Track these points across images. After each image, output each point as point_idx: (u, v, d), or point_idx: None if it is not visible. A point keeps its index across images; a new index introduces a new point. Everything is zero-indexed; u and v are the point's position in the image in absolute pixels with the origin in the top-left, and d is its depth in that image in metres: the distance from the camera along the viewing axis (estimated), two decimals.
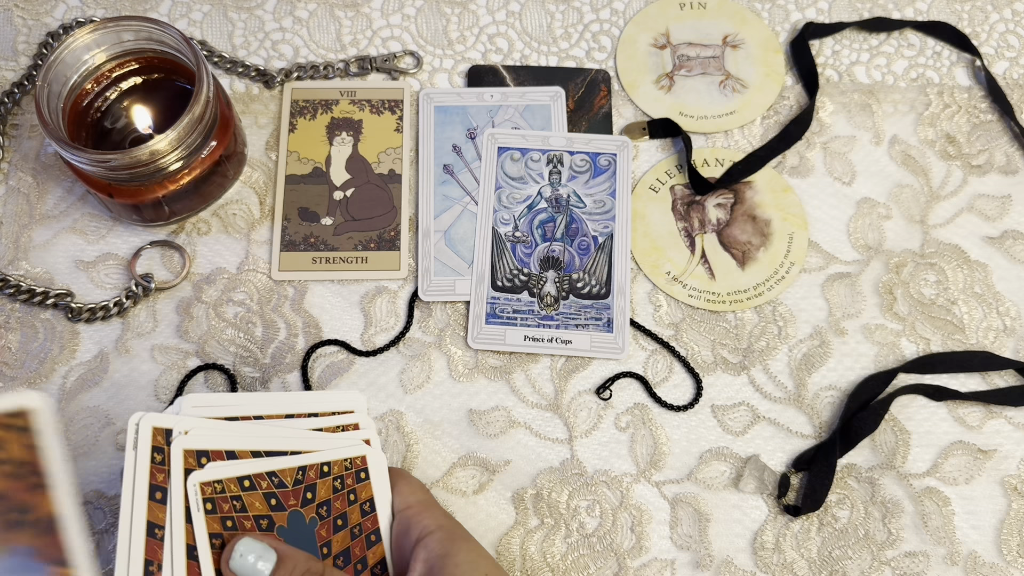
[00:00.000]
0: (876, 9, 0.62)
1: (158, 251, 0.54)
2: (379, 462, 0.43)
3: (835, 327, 0.54)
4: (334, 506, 0.41)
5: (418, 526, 0.40)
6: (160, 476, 0.37)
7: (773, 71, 0.60)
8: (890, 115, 0.59)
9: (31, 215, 0.55)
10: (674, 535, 0.49)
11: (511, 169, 0.56)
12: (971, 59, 0.61)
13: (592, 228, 0.55)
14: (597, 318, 0.53)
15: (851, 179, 0.58)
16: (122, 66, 0.52)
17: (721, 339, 0.54)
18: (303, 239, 0.55)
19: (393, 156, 0.57)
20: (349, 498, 0.41)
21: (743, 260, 0.55)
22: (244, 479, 0.39)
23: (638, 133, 0.58)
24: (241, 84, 0.59)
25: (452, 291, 0.54)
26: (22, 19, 0.60)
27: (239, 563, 0.36)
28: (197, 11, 0.60)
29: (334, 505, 0.41)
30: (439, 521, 0.41)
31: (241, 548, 0.36)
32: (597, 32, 0.61)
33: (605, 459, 0.51)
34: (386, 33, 0.61)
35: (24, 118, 0.57)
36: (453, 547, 0.39)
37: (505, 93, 0.58)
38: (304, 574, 0.37)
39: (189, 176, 0.50)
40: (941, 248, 0.56)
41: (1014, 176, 0.58)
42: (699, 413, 0.52)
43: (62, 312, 0.52)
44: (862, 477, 0.51)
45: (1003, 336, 0.54)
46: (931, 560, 0.49)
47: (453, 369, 0.52)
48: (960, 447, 0.51)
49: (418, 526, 0.40)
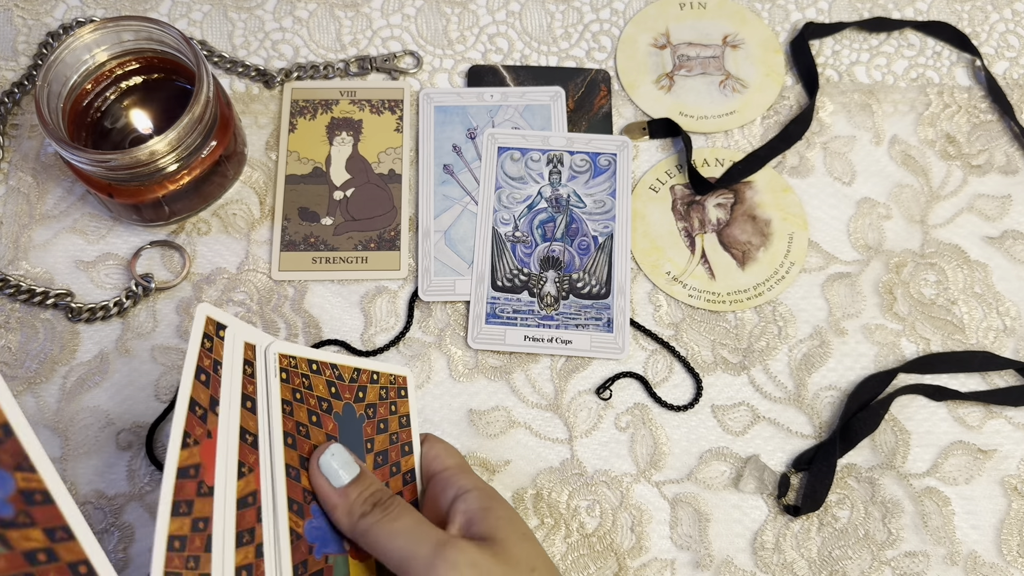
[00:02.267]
0: (876, 9, 0.62)
1: (158, 251, 0.54)
2: (414, 395, 0.48)
3: (835, 327, 0.54)
4: (379, 411, 0.45)
5: (455, 485, 0.42)
6: (250, 387, 0.39)
7: (773, 71, 0.60)
8: (890, 115, 0.59)
9: (31, 215, 0.55)
10: (674, 535, 0.49)
11: (511, 169, 0.56)
12: (971, 59, 0.61)
13: (592, 228, 0.55)
14: (597, 318, 0.53)
15: (851, 179, 0.58)
16: (122, 66, 0.52)
17: (721, 339, 0.54)
18: (303, 239, 0.55)
19: (393, 156, 0.57)
20: (391, 408, 0.46)
21: (743, 260, 0.55)
22: (312, 362, 0.42)
23: (638, 133, 0.58)
24: (241, 84, 0.59)
25: (452, 291, 0.54)
26: (22, 19, 0.60)
27: (327, 461, 0.40)
28: (197, 11, 0.60)
29: (379, 410, 0.45)
30: (476, 483, 0.42)
31: (333, 449, 0.40)
32: (597, 32, 0.61)
33: (605, 459, 0.51)
34: (386, 33, 0.61)
35: (24, 118, 0.57)
36: (491, 503, 0.41)
37: (505, 93, 0.58)
38: (375, 491, 0.39)
39: (189, 176, 0.50)
40: (941, 248, 0.56)
41: (1014, 176, 0.58)
42: (699, 413, 0.52)
43: (62, 312, 0.52)
44: (862, 477, 0.51)
45: (1003, 336, 0.54)
46: (931, 560, 0.49)
47: (453, 369, 0.52)
48: (960, 447, 0.51)
49: (455, 485, 0.42)
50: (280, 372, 0.41)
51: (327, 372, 0.43)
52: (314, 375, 0.42)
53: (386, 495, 0.40)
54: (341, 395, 0.43)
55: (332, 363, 0.44)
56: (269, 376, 0.40)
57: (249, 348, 0.40)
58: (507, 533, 0.39)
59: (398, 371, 0.48)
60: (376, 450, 0.44)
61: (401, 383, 0.47)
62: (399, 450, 0.45)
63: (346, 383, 0.44)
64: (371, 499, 0.39)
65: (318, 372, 0.43)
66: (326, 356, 0.44)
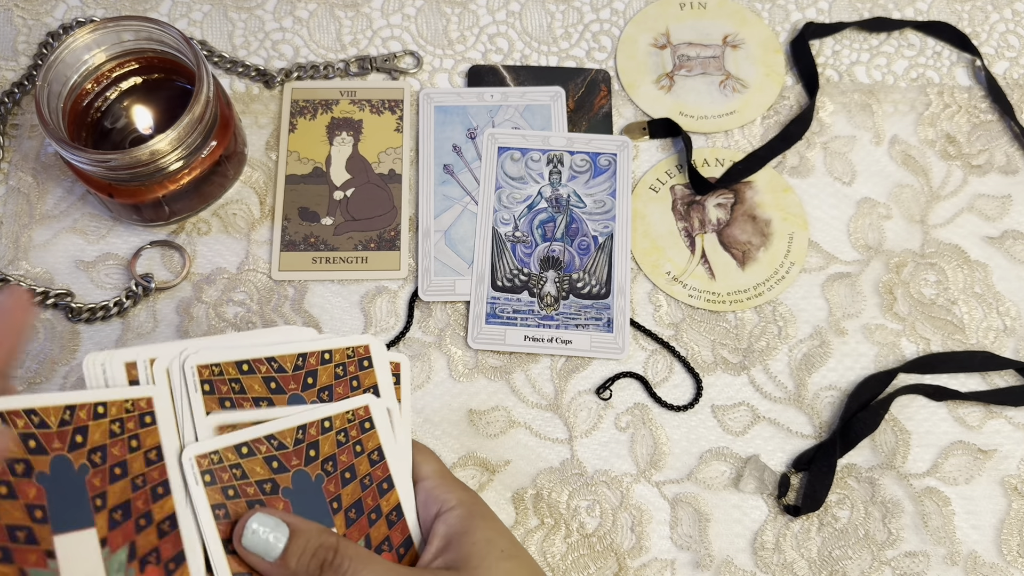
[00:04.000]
0: (876, 9, 0.62)
1: (158, 251, 0.54)
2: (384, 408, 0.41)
3: (835, 327, 0.54)
4: (340, 460, 0.40)
5: (437, 501, 0.40)
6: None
7: (773, 71, 0.60)
8: (890, 115, 0.59)
9: (31, 215, 0.55)
10: (674, 535, 0.49)
11: (511, 169, 0.56)
12: (971, 59, 0.61)
13: (592, 228, 0.55)
14: (597, 318, 0.53)
15: (851, 179, 0.58)
16: (122, 66, 0.52)
17: (721, 339, 0.54)
18: (303, 239, 0.55)
19: (393, 156, 0.57)
20: (355, 450, 0.40)
21: (743, 260, 0.55)
22: (242, 446, 0.37)
23: (638, 133, 0.58)
24: (241, 84, 0.59)
25: (452, 291, 0.54)
26: (22, 19, 0.60)
27: (252, 540, 0.35)
28: (197, 11, 0.60)
29: (340, 459, 0.40)
30: (458, 496, 0.40)
31: (254, 524, 0.36)
32: (597, 32, 0.61)
33: (605, 459, 0.51)
34: (386, 33, 0.61)
35: (24, 118, 0.57)
36: (472, 524, 0.39)
37: (505, 93, 0.58)
38: (317, 549, 0.36)
39: (189, 176, 0.50)
40: (941, 248, 0.56)
41: (1014, 176, 0.58)
42: (699, 413, 0.52)
43: (62, 312, 0.52)
44: (862, 477, 0.51)
45: (1003, 336, 0.54)
46: (931, 560, 0.49)
47: (453, 369, 0.52)
48: (960, 447, 0.51)
49: (437, 501, 0.40)
50: (203, 476, 0.36)
51: (263, 449, 0.38)
52: (247, 460, 0.37)
53: (331, 550, 0.36)
54: (287, 465, 0.38)
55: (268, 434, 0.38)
56: (190, 484, 0.36)
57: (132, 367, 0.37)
58: (483, 558, 0.37)
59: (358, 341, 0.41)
60: (346, 505, 0.39)
61: (362, 415, 0.41)
62: (375, 492, 0.40)
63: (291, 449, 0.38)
64: (314, 561, 0.36)
65: (251, 454, 0.38)
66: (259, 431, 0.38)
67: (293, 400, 0.39)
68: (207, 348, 0.38)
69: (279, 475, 0.38)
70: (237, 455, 0.37)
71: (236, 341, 0.40)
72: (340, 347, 0.41)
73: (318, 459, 0.39)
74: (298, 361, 0.40)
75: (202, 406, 0.37)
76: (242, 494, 0.37)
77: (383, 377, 0.42)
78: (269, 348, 0.39)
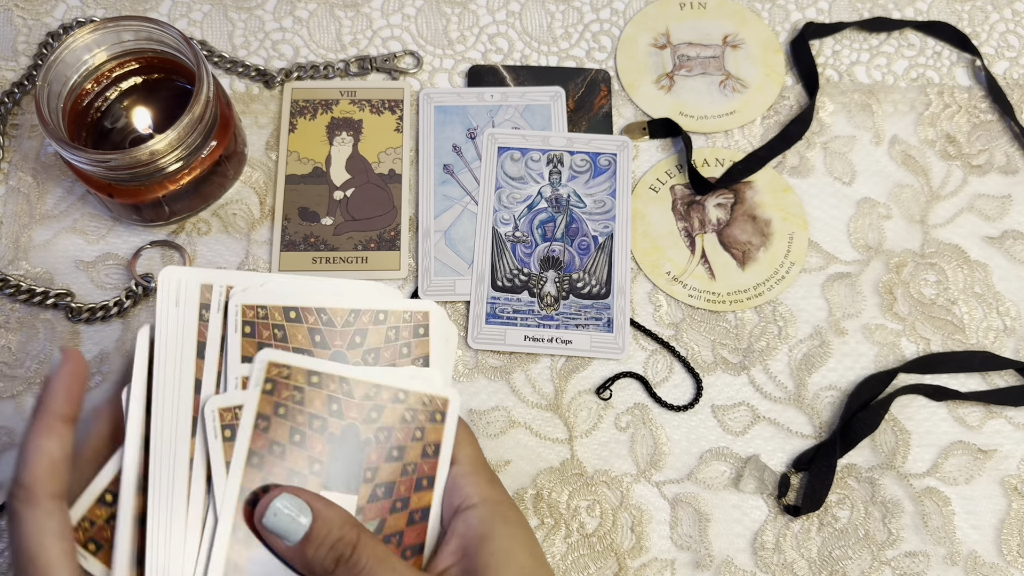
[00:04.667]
0: (876, 9, 0.62)
1: (158, 251, 0.54)
2: (455, 409, 0.40)
3: (835, 327, 0.54)
4: (395, 435, 0.38)
5: (461, 493, 0.38)
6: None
7: (773, 71, 0.60)
8: (890, 115, 0.59)
9: (31, 215, 0.55)
10: (674, 535, 0.49)
11: (511, 169, 0.56)
12: (971, 59, 0.61)
13: (592, 228, 0.55)
14: (597, 318, 0.53)
15: (851, 179, 0.58)
16: (122, 66, 0.52)
17: (721, 339, 0.54)
18: (303, 239, 0.55)
19: (393, 156, 0.57)
20: (415, 434, 0.38)
21: (743, 260, 0.55)
22: (312, 374, 0.37)
23: (638, 133, 0.58)
24: (241, 84, 0.59)
25: (452, 291, 0.54)
26: (22, 19, 0.60)
27: (273, 520, 0.34)
28: (197, 11, 0.60)
29: (396, 434, 0.38)
30: (484, 492, 0.38)
31: (278, 503, 0.34)
32: (597, 32, 0.61)
33: (605, 459, 0.51)
34: (386, 33, 0.61)
35: (24, 118, 0.57)
36: (492, 528, 0.37)
37: (505, 93, 0.58)
38: (337, 542, 0.34)
39: (189, 176, 0.50)
40: (941, 248, 0.56)
41: (1014, 176, 0.58)
42: (699, 413, 0.52)
43: (62, 312, 0.52)
44: (862, 477, 0.51)
45: (1003, 336, 0.54)
46: (931, 560, 0.49)
47: (453, 369, 0.52)
48: (960, 447, 0.51)
49: (461, 493, 0.38)
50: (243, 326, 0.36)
51: (311, 320, 0.37)
52: (311, 387, 0.37)
53: (349, 545, 0.35)
54: (345, 414, 0.37)
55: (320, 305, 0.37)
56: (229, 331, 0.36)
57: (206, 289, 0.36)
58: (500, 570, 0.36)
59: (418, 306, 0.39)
60: (378, 481, 0.38)
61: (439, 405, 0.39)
62: (411, 483, 0.38)
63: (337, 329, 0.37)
64: (332, 554, 0.34)
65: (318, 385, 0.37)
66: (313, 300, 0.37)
67: (335, 357, 0.38)
68: (278, 283, 0.37)
69: (333, 418, 0.37)
70: (306, 380, 0.37)
71: (315, 285, 0.38)
72: (397, 309, 0.39)
73: (376, 423, 0.38)
74: (349, 317, 0.38)
75: (239, 348, 0.36)
76: (290, 419, 0.36)
77: (437, 348, 0.40)
78: (323, 298, 0.38)
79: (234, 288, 0.37)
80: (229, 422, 0.35)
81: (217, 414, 0.35)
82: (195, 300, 0.37)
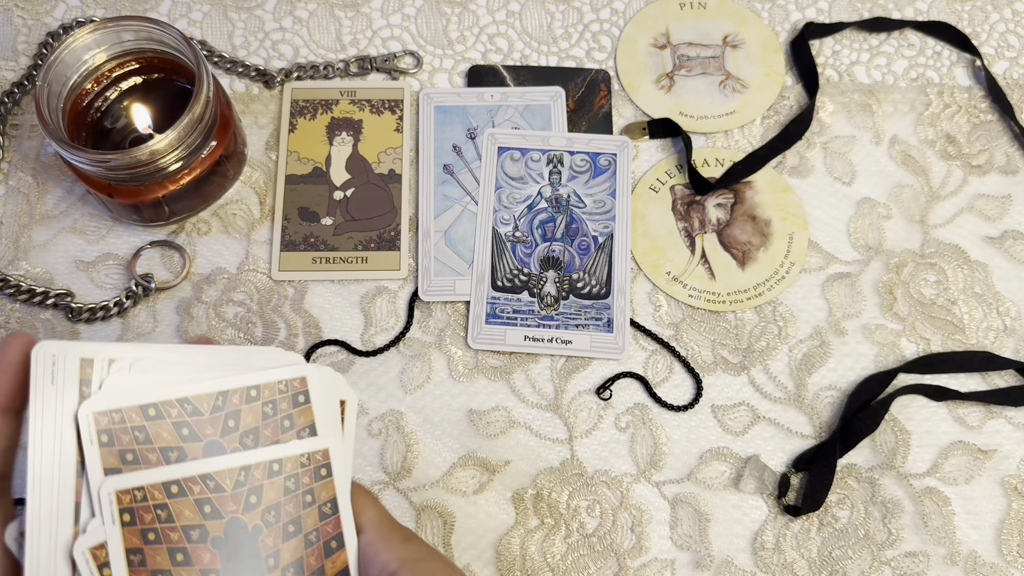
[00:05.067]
0: (876, 9, 0.62)
1: (158, 251, 0.54)
2: (345, 454, 0.36)
3: (835, 327, 0.54)
4: (285, 510, 0.35)
5: (377, 562, 0.35)
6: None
7: (773, 71, 0.60)
8: (890, 115, 0.59)
9: (31, 215, 0.55)
10: (674, 535, 0.49)
11: (511, 169, 0.56)
12: (971, 59, 0.61)
13: (592, 228, 0.55)
14: (597, 318, 0.53)
15: (851, 179, 0.58)
16: (122, 66, 0.52)
17: (721, 339, 0.54)
18: (303, 239, 0.55)
19: (393, 156, 0.57)
20: (305, 499, 0.35)
21: (743, 260, 0.55)
22: (171, 484, 0.33)
23: (638, 133, 0.58)
24: (241, 84, 0.59)
25: (452, 291, 0.54)
26: (22, 19, 0.60)
27: None
28: (197, 11, 0.60)
29: (285, 509, 0.35)
30: (401, 554, 0.35)
31: None
32: (597, 32, 0.61)
33: (605, 459, 0.51)
34: (386, 33, 0.61)
35: (24, 118, 0.57)
36: None
37: (505, 93, 0.58)
38: None
39: (189, 176, 0.50)
40: (941, 248, 0.56)
41: (1014, 176, 0.58)
42: (699, 413, 0.52)
43: (62, 312, 0.52)
44: (862, 477, 0.51)
45: (1003, 336, 0.54)
46: (931, 560, 0.49)
47: (453, 369, 0.52)
48: (960, 447, 0.51)
49: (377, 562, 0.35)
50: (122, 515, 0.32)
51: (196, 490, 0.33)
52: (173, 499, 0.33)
53: None
54: (222, 511, 0.33)
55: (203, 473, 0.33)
56: (107, 523, 0.32)
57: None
58: None
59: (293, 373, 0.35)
60: (283, 564, 0.34)
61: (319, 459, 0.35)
62: (320, 551, 0.35)
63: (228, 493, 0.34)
64: None
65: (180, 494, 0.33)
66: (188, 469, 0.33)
67: (210, 448, 0.34)
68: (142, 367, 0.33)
69: (210, 521, 0.33)
70: (165, 494, 0.33)
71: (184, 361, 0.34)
72: (270, 381, 0.35)
73: (259, 506, 0.34)
74: (217, 401, 0.34)
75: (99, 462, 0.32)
76: (164, 540, 0.32)
77: (322, 415, 0.36)
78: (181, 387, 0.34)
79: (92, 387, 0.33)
80: (105, 560, 0.31)
81: (89, 555, 0.32)
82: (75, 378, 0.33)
